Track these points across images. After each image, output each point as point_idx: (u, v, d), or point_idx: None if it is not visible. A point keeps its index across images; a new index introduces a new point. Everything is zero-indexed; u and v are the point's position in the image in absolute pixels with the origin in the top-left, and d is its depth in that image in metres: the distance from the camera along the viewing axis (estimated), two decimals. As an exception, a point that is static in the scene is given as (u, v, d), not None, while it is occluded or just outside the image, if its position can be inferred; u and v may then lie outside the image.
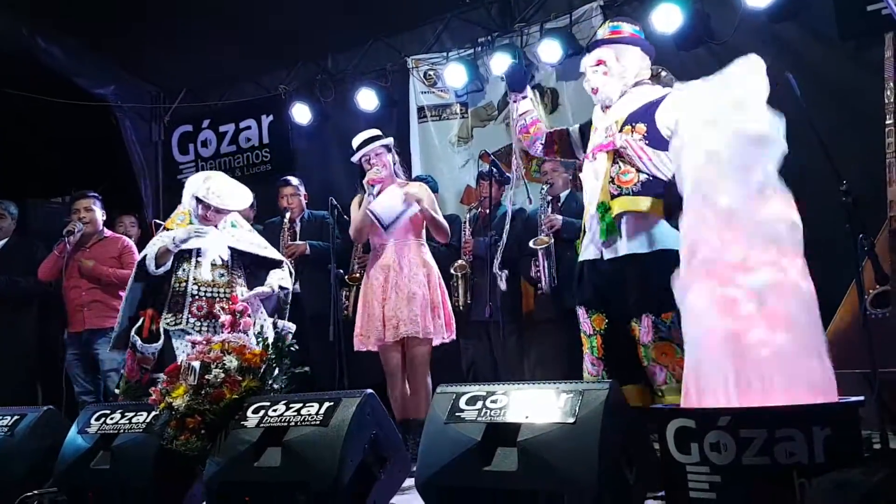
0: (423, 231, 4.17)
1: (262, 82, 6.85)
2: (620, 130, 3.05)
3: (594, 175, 3.12)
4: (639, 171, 2.99)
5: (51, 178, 6.72)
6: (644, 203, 2.97)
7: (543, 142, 3.45)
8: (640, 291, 2.94)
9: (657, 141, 2.98)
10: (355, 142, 4.22)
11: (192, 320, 3.78)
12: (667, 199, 2.93)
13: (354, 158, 4.20)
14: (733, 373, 2.13)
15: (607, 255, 3.05)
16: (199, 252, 3.88)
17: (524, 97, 3.44)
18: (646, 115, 3.03)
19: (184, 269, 3.85)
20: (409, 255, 4.05)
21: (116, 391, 3.78)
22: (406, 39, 6.28)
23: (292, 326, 3.84)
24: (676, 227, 2.81)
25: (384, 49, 6.33)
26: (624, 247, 3.00)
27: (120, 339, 3.88)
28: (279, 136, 6.80)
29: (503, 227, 4.99)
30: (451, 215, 5.67)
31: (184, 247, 3.83)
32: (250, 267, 4.04)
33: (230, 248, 3.94)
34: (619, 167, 3.03)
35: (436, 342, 4.08)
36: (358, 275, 5.18)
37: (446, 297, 4.15)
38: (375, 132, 4.27)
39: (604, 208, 3.05)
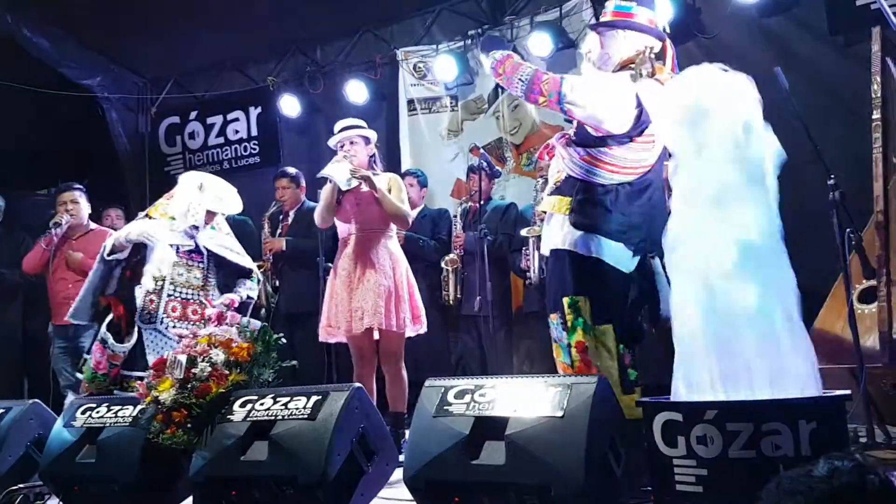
0: (390, 222, 4.08)
1: (250, 74, 6.81)
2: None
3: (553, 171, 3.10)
4: (562, 171, 2.96)
5: (36, 169, 6.66)
6: (551, 202, 2.95)
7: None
8: (546, 290, 3.03)
9: (584, 137, 2.89)
10: (337, 126, 4.19)
11: (166, 320, 3.76)
12: (575, 197, 2.86)
13: (332, 141, 4.16)
14: (719, 367, 2.14)
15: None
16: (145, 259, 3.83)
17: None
18: None
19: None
20: (375, 247, 3.98)
21: (79, 375, 3.73)
22: (395, 31, 6.27)
23: (257, 324, 3.74)
24: (575, 226, 2.83)
25: (373, 41, 6.31)
26: (545, 245, 3.02)
27: (79, 312, 3.85)
28: (267, 128, 6.76)
29: (494, 222, 5.01)
30: (440, 209, 5.68)
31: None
32: (219, 269, 3.97)
33: (206, 250, 3.90)
34: (556, 166, 3.03)
35: (407, 334, 4.02)
36: None
37: (414, 290, 4.06)
38: (359, 122, 4.23)
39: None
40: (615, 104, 2.78)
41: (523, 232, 4.75)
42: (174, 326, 3.73)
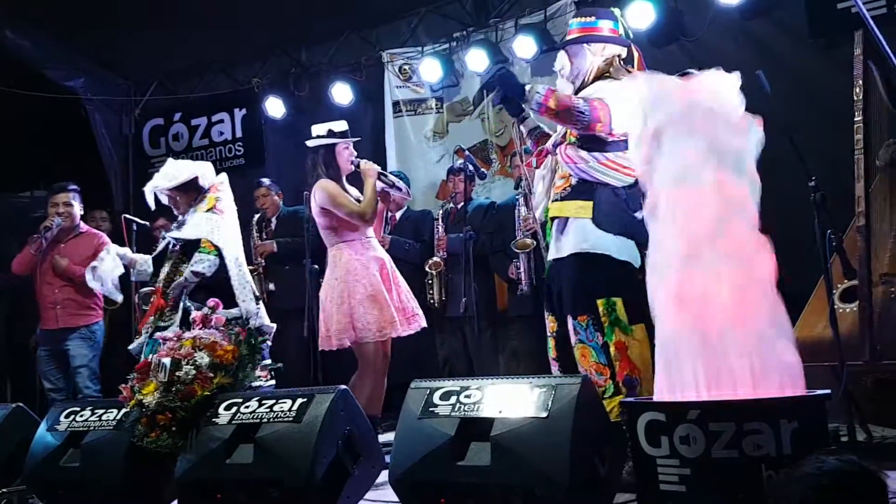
0: (338, 230, 3.91)
1: (234, 75, 6.79)
2: (564, 134, 3.08)
3: (540, 179, 3.17)
4: (569, 176, 3.01)
5: (19, 171, 6.60)
6: (569, 207, 2.99)
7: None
8: (566, 293, 3.00)
9: (588, 140, 2.97)
10: (338, 126, 4.07)
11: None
12: (598, 200, 2.94)
13: (340, 140, 4.01)
14: (702, 367, 2.16)
15: (550, 257, 3.13)
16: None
17: (525, 118, 3.33)
18: None
19: None
20: (330, 260, 3.95)
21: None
22: (381, 33, 6.26)
23: (234, 312, 3.65)
24: (605, 229, 2.91)
25: (358, 43, 6.30)
26: (557, 250, 3.06)
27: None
28: (252, 129, 6.74)
29: (477, 222, 5.01)
30: (423, 211, 5.68)
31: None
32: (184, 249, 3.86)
33: (176, 239, 3.85)
34: (559, 171, 3.07)
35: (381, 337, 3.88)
36: None
37: (363, 299, 3.81)
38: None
39: (547, 213, 3.12)
40: (628, 111, 2.84)
41: (513, 247, 4.76)
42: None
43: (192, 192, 3.89)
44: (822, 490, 1.48)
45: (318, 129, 4.06)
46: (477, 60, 5.58)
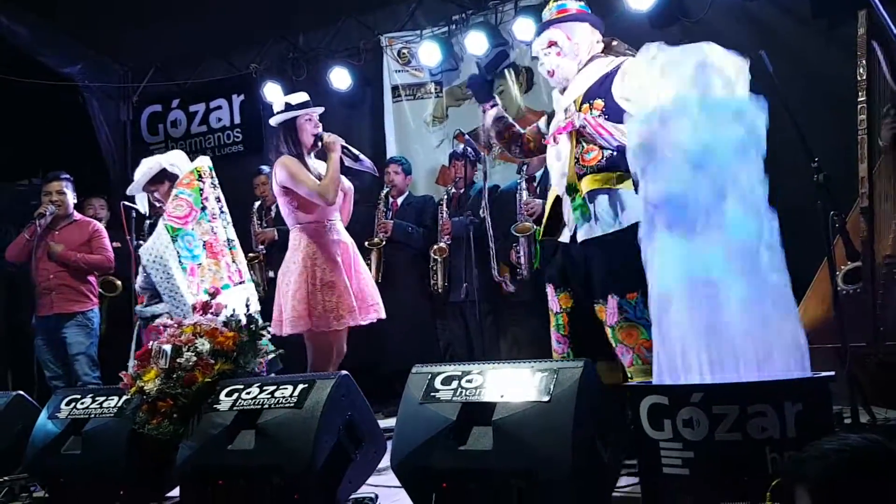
0: (300, 211, 3.78)
1: (232, 61, 6.74)
2: (580, 109, 2.98)
3: (556, 157, 3.06)
4: (602, 147, 2.91)
5: (17, 159, 6.57)
6: (611, 178, 2.90)
7: (520, 144, 3.40)
8: (606, 271, 2.89)
9: (616, 113, 2.89)
10: (297, 98, 3.91)
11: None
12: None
13: (299, 112, 3.84)
14: (705, 349, 2.14)
15: (581, 236, 2.99)
16: None
17: (494, 105, 3.34)
18: (601, 88, 2.96)
19: None
20: (291, 242, 3.81)
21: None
22: (379, 17, 6.21)
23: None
24: None
25: (357, 27, 6.25)
26: (595, 228, 2.94)
27: None
28: (251, 116, 6.71)
29: (479, 207, 4.99)
30: (425, 196, 5.66)
31: None
32: None
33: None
34: (583, 147, 2.95)
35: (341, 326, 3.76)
36: (377, 240, 5.24)
37: (322, 286, 3.69)
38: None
39: (572, 190, 2.98)
40: None
41: (513, 230, 4.74)
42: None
43: (165, 182, 3.86)
44: (849, 465, 1.46)
45: (277, 104, 3.92)
46: (476, 43, 5.53)
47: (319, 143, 3.83)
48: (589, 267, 2.96)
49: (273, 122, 3.89)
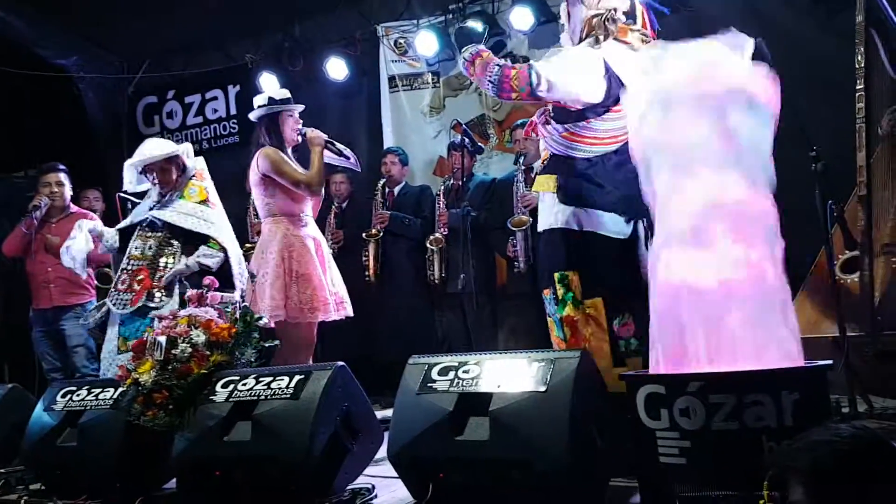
0: (277, 202, 3.80)
1: (228, 51, 6.71)
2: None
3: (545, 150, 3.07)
4: (547, 149, 2.96)
5: (12, 151, 6.54)
6: (541, 182, 2.95)
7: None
8: (538, 268, 3.05)
9: (562, 114, 2.89)
10: (280, 94, 3.94)
11: (113, 293, 3.67)
12: (559, 175, 2.89)
13: (282, 108, 3.88)
14: (703, 338, 2.13)
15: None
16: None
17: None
18: None
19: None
20: (265, 233, 3.81)
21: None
22: (375, 6, 6.18)
23: (229, 296, 3.57)
24: (567, 203, 2.84)
25: (353, 16, 6.22)
26: (540, 223, 3.01)
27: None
28: (247, 106, 6.61)
29: (477, 198, 4.98)
30: (422, 186, 5.65)
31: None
32: (181, 239, 3.72)
33: (161, 221, 3.71)
34: (544, 145, 3.02)
35: (319, 319, 3.79)
36: (374, 231, 5.20)
37: (297, 277, 3.71)
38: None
39: None
40: (585, 76, 2.80)
41: (509, 224, 4.73)
42: (119, 298, 3.63)
43: (175, 169, 3.82)
44: (839, 456, 1.46)
45: (259, 99, 3.94)
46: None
47: (300, 139, 3.87)
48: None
49: (253, 116, 3.91)
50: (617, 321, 2.80)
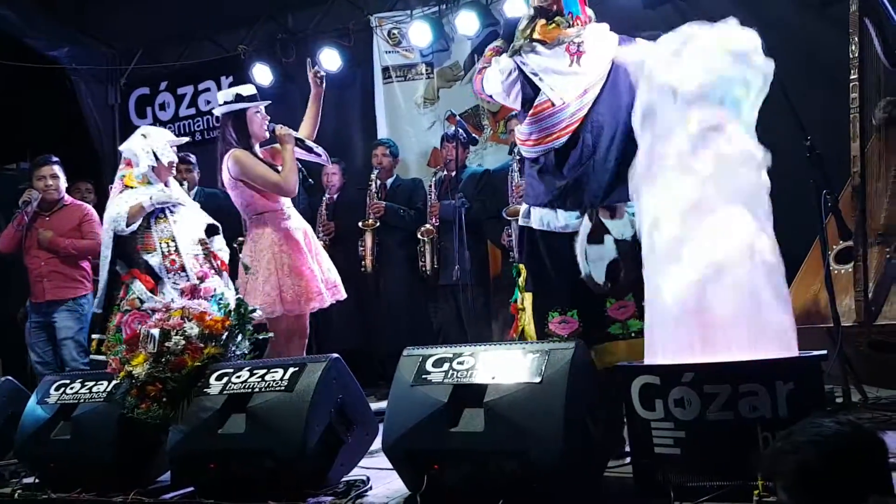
0: (256, 202, 3.75)
1: (220, 42, 6.66)
2: None
3: None
4: None
5: (4, 144, 6.51)
6: None
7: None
8: None
9: (520, 115, 3.02)
10: (247, 90, 3.86)
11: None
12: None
13: (250, 105, 3.78)
14: (697, 329, 2.13)
15: None
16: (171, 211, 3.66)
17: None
18: None
19: (164, 229, 3.67)
20: (250, 233, 3.79)
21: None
22: (369, -4, 6.14)
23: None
24: (524, 200, 2.99)
25: (346, 7, 6.18)
26: None
27: (101, 302, 3.72)
28: (240, 98, 6.63)
29: (469, 190, 4.97)
30: (414, 178, 5.63)
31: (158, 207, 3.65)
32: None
33: (168, 203, 3.62)
34: None
35: (309, 309, 3.77)
36: (371, 221, 5.18)
37: (290, 271, 3.69)
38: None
39: None
40: (496, 86, 2.97)
41: (505, 214, 4.72)
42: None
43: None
44: (824, 457, 1.46)
45: (225, 94, 3.86)
46: (467, 24, 5.47)
47: (269, 135, 3.84)
48: None
49: (218, 112, 3.86)
50: (551, 316, 2.86)
